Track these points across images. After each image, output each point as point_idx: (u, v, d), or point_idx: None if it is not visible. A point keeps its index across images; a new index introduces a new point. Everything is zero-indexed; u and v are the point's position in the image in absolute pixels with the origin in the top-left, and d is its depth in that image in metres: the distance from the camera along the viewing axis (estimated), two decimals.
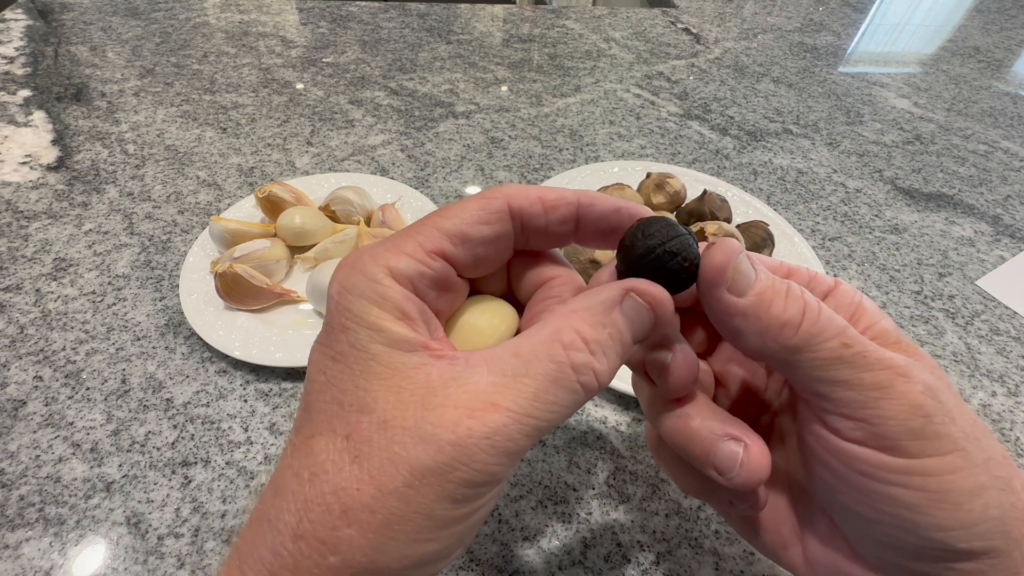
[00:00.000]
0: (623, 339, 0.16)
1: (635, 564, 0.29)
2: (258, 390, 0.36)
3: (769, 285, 0.16)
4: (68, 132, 0.58)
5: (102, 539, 0.29)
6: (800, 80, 0.76)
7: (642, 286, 0.16)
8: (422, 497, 0.14)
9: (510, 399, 0.14)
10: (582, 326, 0.15)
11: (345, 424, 0.15)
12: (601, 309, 0.16)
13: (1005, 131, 0.67)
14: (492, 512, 0.31)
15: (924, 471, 0.15)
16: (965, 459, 0.15)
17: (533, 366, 0.15)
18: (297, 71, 0.71)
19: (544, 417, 0.15)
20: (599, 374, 0.15)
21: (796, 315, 0.16)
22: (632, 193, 0.46)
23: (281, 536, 0.15)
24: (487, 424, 0.14)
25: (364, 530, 0.14)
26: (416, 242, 0.16)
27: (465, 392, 0.15)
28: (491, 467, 0.14)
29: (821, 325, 0.16)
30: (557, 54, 0.79)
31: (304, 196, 0.46)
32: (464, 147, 0.59)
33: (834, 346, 0.16)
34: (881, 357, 0.16)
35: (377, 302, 0.15)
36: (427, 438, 0.14)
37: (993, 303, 0.45)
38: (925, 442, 0.15)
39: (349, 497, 0.14)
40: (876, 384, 0.15)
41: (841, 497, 0.17)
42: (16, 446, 0.33)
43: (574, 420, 0.35)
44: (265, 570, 0.15)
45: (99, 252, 0.45)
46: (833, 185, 0.57)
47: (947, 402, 0.16)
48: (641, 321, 0.16)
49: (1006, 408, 0.38)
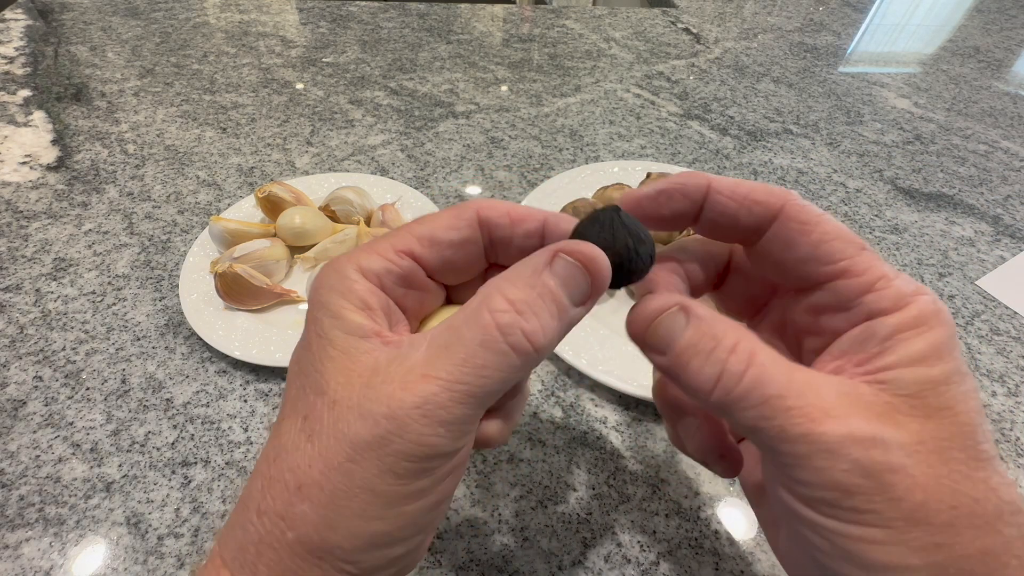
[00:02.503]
0: (556, 299, 0.16)
1: (635, 564, 0.29)
2: (258, 390, 0.36)
3: (691, 343, 0.16)
4: (68, 132, 0.58)
5: (102, 539, 0.29)
6: (800, 80, 0.76)
7: (572, 246, 0.16)
8: (364, 471, 0.15)
9: (440, 368, 0.15)
10: (509, 289, 0.16)
11: (305, 406, 0.16)
12: (529, 272, 0.16)
13: (1005, 131, 0.67)
14: (492, 512, 0.31)
15: (835, 530, 0.15)
16: (891, 536, 0.14)
17: (462, 333, 0.15)
18: (297, 71, 0.71)
19: (475, 383, 0.15)
20: (528, 333, 0.15)
21: (709, 380, 0.16)
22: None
23: (249, 512, 0.16)
24: (418, 394, 0.15)
25: (315, 506, 0.15)
26: (388, 243, 0.18)
27: (402, 368, 0.15)
28: (426, 437, 0.15)
29: (737, 394, 0.15)
30: (557, 54, 0.79)
31: (304, 196, 0.46)
32: (464, 147, 0.59)
33: (751, 416, 0.15)
34: (807, 432, 0.14)
35: (343, 294, 0.16)
36: (365, 414, 0.15)
37: (993, 303, 0.45)
38: (841, 511, 0.15)
39: (303, 474, 0.15)
40: (793, 454, 0.15)
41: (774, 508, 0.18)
42: (16, 446, 0.33)
43: (574, 420, 0.35)
44: (236, 545, 0.16)
45: (99, 252, 0.45)
46: (833, 185, 0.57)
47: (899, 482, 0.14)
48: (575, 280, 0.16)
49: (1006, 408, 0.38)
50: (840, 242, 0.17)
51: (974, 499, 0.14)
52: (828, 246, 0.17)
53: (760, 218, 0.18)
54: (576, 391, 0.37)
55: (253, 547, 0.15)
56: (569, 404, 0.36)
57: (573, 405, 0.36)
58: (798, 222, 0.17)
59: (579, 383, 0.37)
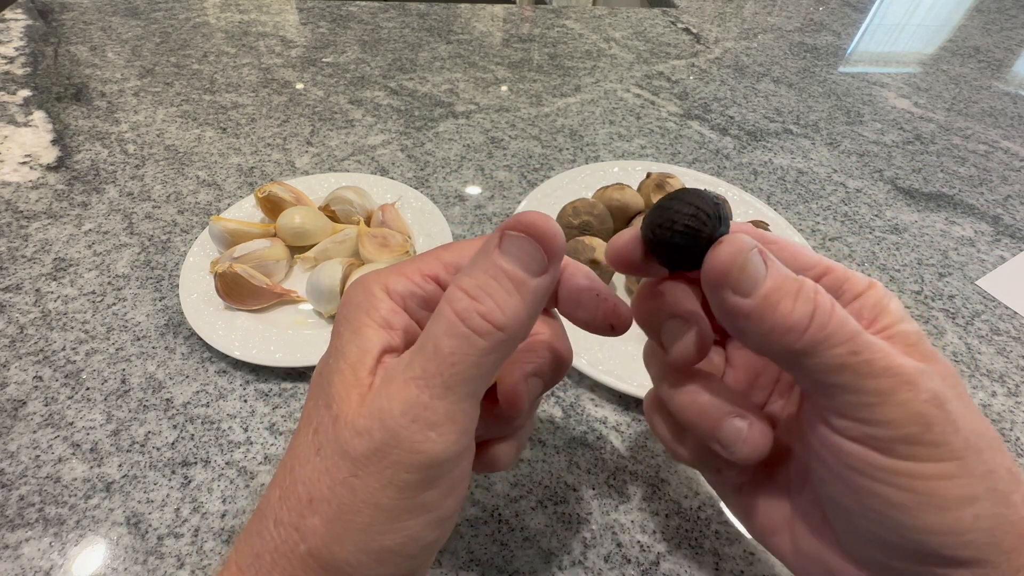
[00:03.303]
0: (510, 275, 0.16)
1: (635, 564, 0.29)
2: (258, 390, 0.36)
3: (778, 286, 0.16)
4: (68, 132, 0.58)
5: (102, 539, 0.29)
6: (800, 80, 0.76)
7: (513, 220, 0.16)
8: (367, 486, 0.15)
9: (415, 367, 0.15)
10: (464, 279, 0.16)
11: (316, 418, 0.16)
12: (482, 259, 0.16)
13: (1005, 131, 0.67)
14: (492, 512, 0.31)
15: (915, 474, 0.15)
16: (961, 468, 0.15)
17: (430, 331, 0.16)
18: (297, 71, 0.71)
19: (447, 371, 0.15)
20: (484, 313, 0.15)
21: (803, 319, 0.15)
22: (632, 193, 0.46)
23: (266, 521, 0.16)
24: (402, 400, 0.15)
25: (324, 520, 0.15)
26: (416, 267, 0.18)
27: (391, 380, 0.16)
28: (419, 444, 0.15)
29: (830, 330, 0.15)
30: (557, 54, 0.79)
31: (304, 196, 0.46)
32: (464, 147, 0.59)
33: (840, 352, 0.15)
34: (889, 365, 0.15)
35: (367, 311, 0.17)
36: (360, 430, 0.15)
37: (993, 303, 0.45)
38: (921, 448, 0.15)
39: (313, 487, 0.15)
40: (878, 391, 0.15)
41: (831, 488, 0.17)
42: (16, 446, 0.33)
43: (574, 420, 0.35)
44: (252, 552, 0.16)
45: (99, 252, 0.45)
46: (833, 185, 0.57)
47: (954, 411, 0.15)
48: (528, 254, 0.16)
49: (1006, 408, 0.38)
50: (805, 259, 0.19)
51: (985, 427, 0.16)
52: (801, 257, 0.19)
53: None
54: (576, 391, 0.37)
55: (269, 555, 0.16)
56: (569, 404, 0.36)
57: (573, 405, 0.36)
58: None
59: (579, 383, 0.37)
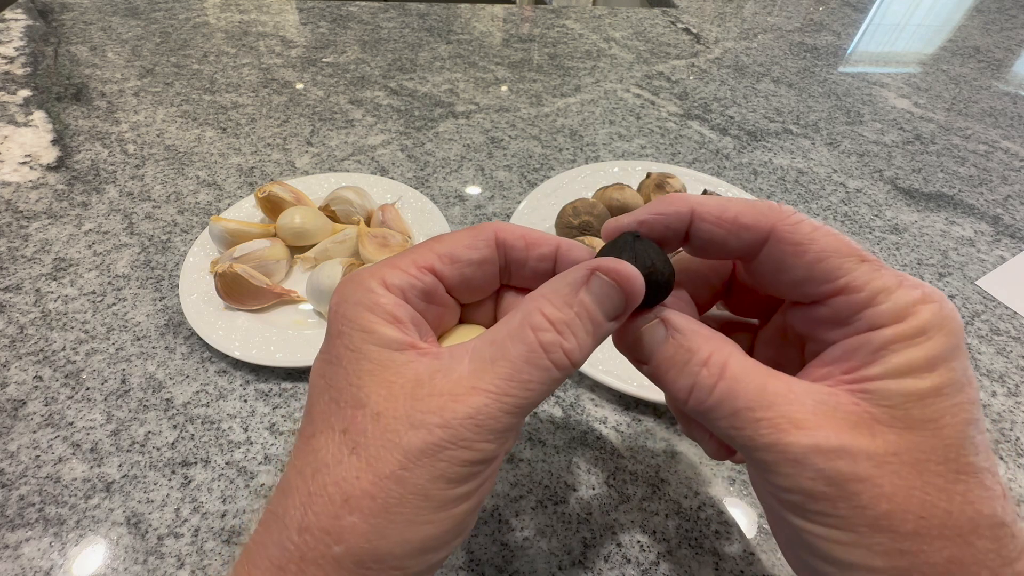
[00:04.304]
0: (592, 317, 0.16)
1: (635, 564, 0.29)
2: (258, 390, 0.36)
3: (668, 356, 0.17)
4: (68, 132, 0.58)
5: (102, 539, 0.29)
6: (800, 80, 0.76)
7: (607, 264, 0.17)
8: (417, 478, 0.15)
9: (488, 381, 0.16)
10: (548, 308, 0.16)
11: (342, 420, 0.16)
12: (567, 291, 0.17)
13: (1005, 131, 0.67)
14: (492, 512, 0.31)
15: (807, 529, 0.16)
16: (858, 540, 0.15)
17: (507, 349, 0.16)
18: (297, 71, 0.71)
19: (521, 395, 0.16)
20: (569, 352, 0.16)
21: (682, 390, 0.17)
22: (632, 193, 0.46)
23: (288, 531, 0.16)
24: (470, 406, 0.15)
25: (365, 516, 0.15)
26: (410, 259, 0.18)
27: (449, 380, 0.16)
28: (477, 444, 0.15)
29: (710, 404, 0.16)
30: (557, 54, 0.79)
31: (304, 196, 0.46)
32: (464, 147, 0.59)
33: (723, 425, 0.16)
34: (773, 442, 0.15)
35: (370, 308, 0.17)
36: (417, 424, 0.15)
37: (993, 303, 0.45)
38: (810, 513, 0.15)
39: (349, 486, 0.15)
40: (764, 461, 0.16)
41: (762, 501, 0.19)
42: (16, 446, 0.33)
43: (574, 420, 0.35)
44: (272, 566, 0.15)
45: (99, 252, 0.45)
46: (833, 185, 0.57)
47: (863, 491, 0.14)
48: (610, 299, 0.17)
49: (1006, 408, 0.38)
50: (837, 258, 0.17)
51: (947, 511, 0.14)
52: (824, 264, 0.17)
53: (750, 243, 0.18)
54: (576, 391, 0.37)
55: (294, 565, 0.15)
56: (569, 404, 0.36)
57: (573, 405, 0.36)
58: (791, 244, 0.17)
59: (579, 383, 0.37)
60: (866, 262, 0.16)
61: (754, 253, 0.18)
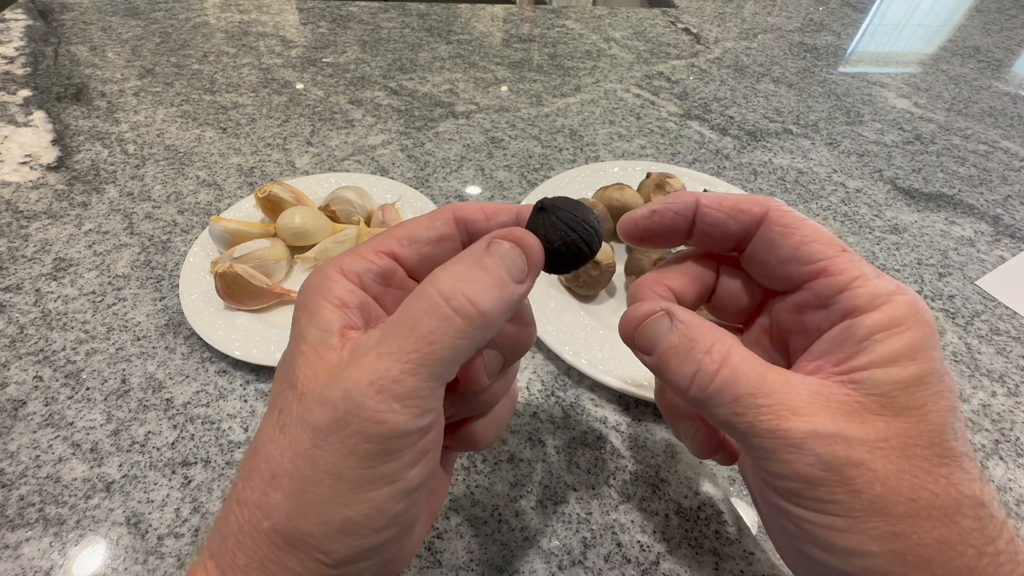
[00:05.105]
0: (495, 271, 0.17)
1: (635, 564, 0.29)
2: (258, 390, 0.36)
3: (672, 345, 0.18)
4: (68, 132, 0.58)
5: (102, 539, 0.29)
6: (800, 80, 0.76)
7: (504, 232, 0.17)
8: (327, 456, 0.15)
9: (389, 343, 0.15)
10: (448, 266, 0.17)
11: (280, 400, 0.17)
12: (466, 254, 0.17)
13: (1005, 131, 0.67)
14: (492, 512, 0.31)
15: (804, 518, 0.16)
16: (853, 525, 0.15)
17: (409, 308, 0.16)
18: (297, 71, 0.71)
19: (423, 350, 0.15)
20: (470, 296, 0.16)
21: (684, 378, 0.18)
22: (632, 193, 0.46)
23: (231, 503, 0.16)
24: (371, 372, 0.15)
25: (286, 494, 0.15)
26: (370, 246, 0.19)
27: (361, 354, 0.16)
28: (382, 414, 0.15)
29: (712, 390, 0.17)
30: (557, 54, 0.79)
31: (304, 196, 0.46)
32: (464, 147, 0.59)
33: (724, 412, 0.17)
34: (773, 428, 0.16)
35: (323, 293, 0.17)
36: (325, 400, 0.15)
37: (993, 303, 0.45)
38: (807, 500, 0.16)
39: (276, 463, 0.16)
40: (763, 448, 0.16)
41: (755, 494, 0.20)
42: (16, 446, 0.33)
43: (574, 420, 0.35)
44: (220, 536, 0.16)
45: (99, 252, 0.45)
46: (833, 185, 0.57)
47: (858, 475, 0.15)
48: (511, 259, 0.17)
49: (1006, 408, 0.38)
50: (820, 244, 0.18)
51: (933, 493, 0.15)
52: (808, 247, 0.18)
53: (747, 225, 0.19)
54: (576, 391, 0.37)
55: (233, 536, 0.16)
56: (569, 404, 0.36)
57: (573, 405, 0.36)
58: (780, 225, 0.19)
59: (579, 383, 0.37)
60: (846, 252, 0.18)
61: (750, 236, 0.20)
